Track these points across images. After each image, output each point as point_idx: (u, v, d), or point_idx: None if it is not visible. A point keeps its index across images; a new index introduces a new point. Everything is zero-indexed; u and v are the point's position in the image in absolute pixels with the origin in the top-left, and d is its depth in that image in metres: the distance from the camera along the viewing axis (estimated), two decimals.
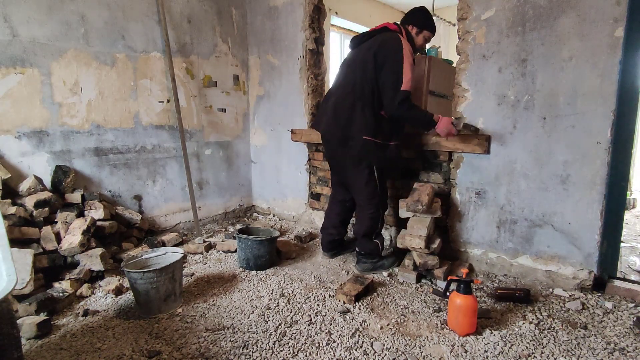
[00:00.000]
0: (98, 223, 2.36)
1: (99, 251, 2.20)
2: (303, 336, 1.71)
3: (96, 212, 2.39)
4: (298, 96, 3.25)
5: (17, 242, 2.00)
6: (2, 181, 2.13)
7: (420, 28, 2.35)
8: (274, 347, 1.63)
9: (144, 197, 2.94)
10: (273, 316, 1.88)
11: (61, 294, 1.95)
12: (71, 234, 2.18)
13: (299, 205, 3.44)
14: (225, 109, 3.46)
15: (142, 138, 2.88)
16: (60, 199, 2.36)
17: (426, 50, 3.19)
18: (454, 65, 2.53)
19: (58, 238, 2.16)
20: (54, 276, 2.09)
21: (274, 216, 3.66)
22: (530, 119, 2.13)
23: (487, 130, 2.27)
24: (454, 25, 5.00)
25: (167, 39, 2.88)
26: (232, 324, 1.81)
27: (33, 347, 1.63)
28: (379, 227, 2.40)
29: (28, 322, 1.69)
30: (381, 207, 2.37)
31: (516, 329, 1.75)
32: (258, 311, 1.93)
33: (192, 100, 3.19)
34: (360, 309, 1.93)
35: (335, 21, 4.69)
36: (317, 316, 1.88)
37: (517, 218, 2.24)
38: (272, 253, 2.49)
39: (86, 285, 2.10)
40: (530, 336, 1.70)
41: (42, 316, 1.78)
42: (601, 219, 1.99)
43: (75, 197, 2.41)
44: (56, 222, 2.23)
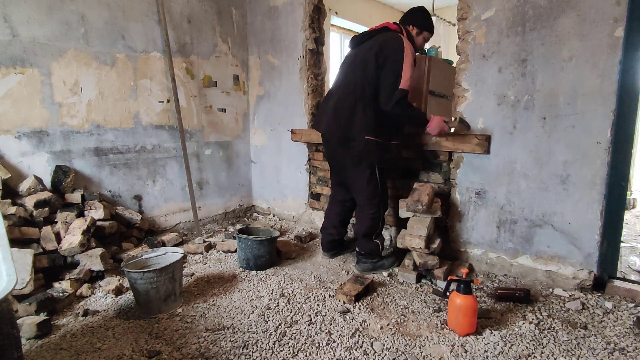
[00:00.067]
0: (98, 223, 2.36)
1: (99, 251, 2.20)
2: (303, 336, 1.71)
3: (96, 212, 2.40)
4: (298, 96, 3.25)
5: (17, 242, 2.00)
6: (2, 181, 2.13)
7: (420, 29, 2.36)
8: (274, 347, 1.63)
9: (144, 197, 2.94)
10: (273, 316, 1.88)
11: (61, 294, 1.95)
12: (71, 234, 2.18)
13: (299, 205, 3.44)
14: (225, 109, 3.46)
15: (142, 138, 2.88)
16: (60, 199, 2.36)
17: (426, 50, 3.20)
18: (454, 65, 2.53)
19: (58, 238, 2.16)
20: (54, 276, 2.10)
21: (274, 216, 3.66)
22: (530, 119, 2.13)
23: (487, 130, 2.27)
24: (454, 25, 5.00)
25: (167, 39, 2.88)
26: (232, 324, 1.81)
27: (33, 347, 1.63)
28: (380, 227, 2.40)
29: (28, 322, 1.69)
30: (382, 207, 2.37)
31: (516, 329, 1.75)
32: (258, 311, 1.93)
33: (192, 100, 3.19)
34: (360, 309, 1.93)
35: (335, 21, 4.69)
36: (317, 316, 1.88)
37: (517, 218, 2.24)
38: (272, 253, 2.49)
39: (86, 285, 2.10)
40: (530, 336, 1.70)
41: (42, 316, 1.78)
42: (601, 219, 1.99)
43: (75, 197, 2.41)
44: (56, 222, 2.23)
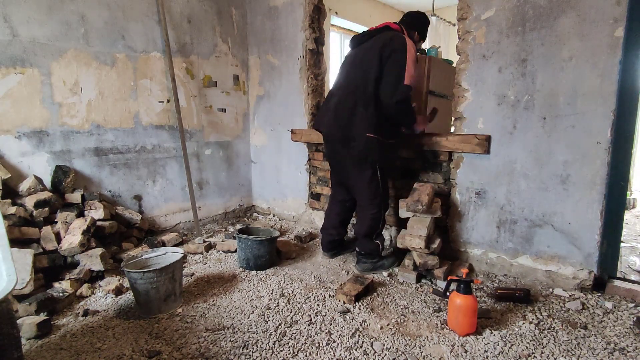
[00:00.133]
0: (98, 223, 2.36)
1: (99, 251, 2.20)
2: (303, 336, 1.71)
3: (96, 212, 2.39)
4: (298, 96, 3.25)
5: (17, 242, 2.00)
6: (2, 181, 2.13)
7: (421, 38, 2.48)
8: (274, 347, 1.63)
9: (144, 197, 2.94)
10: (273, 316, 1.88)
11: (61, 294, 1.95)
12: (71, 234, 2.18)
13: (299, 205, 3.44)
14: (225, 109, 3.46)
15: (142, 138, 2.88)
16: (60, 199, 2.36)
17: (426, 50, 3.20)
18: (454, 65, 2.53)
19: (58, 238, 2.16)
20: (54, 276, 2.09)
21: (274, 216, 3.66)
22: (530, 119, 2.13)
23: (487, 130, 2.27)
24: (454, 25, 5.01)
25: (167, 39, 2.88)
26: (232, 324, 1.81)
27: (33, 347, 1.63)
28: (380, 228, 2.39)
29: (28, 322, 1.69)
30: (383, 207, 2.37)
31: (516, 329, 1.75)
32: (258, 311, 1.93)
33: (192, 100, 3.19)
34: (360, 309, 1.93)
35: (335, 21, 4.69)
36: (317, 316, 1.88)
37: (517, 218, 2.24)
38: (272, 253, 2.49)
39: (86, 285, 2.10)
40: (530, 336, 1.70)
41: (42, 316, 1.78)
42: (601, 219, 1.99)
43: (75, 197, 2.41)
44: (56, 222, 2.23)
